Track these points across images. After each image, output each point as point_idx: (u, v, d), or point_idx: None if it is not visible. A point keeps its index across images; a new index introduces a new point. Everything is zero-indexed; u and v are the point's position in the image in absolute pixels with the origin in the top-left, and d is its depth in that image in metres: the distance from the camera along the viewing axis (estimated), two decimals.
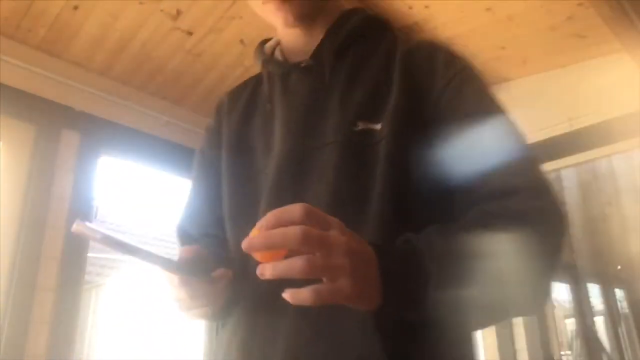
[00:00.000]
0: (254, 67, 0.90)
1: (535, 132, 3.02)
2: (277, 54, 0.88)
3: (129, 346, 6.28)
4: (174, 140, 2.87)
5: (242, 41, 2.61)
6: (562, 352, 2.88)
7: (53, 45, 2.43)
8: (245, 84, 0.96)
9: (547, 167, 3.02)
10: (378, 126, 0.72)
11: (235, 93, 0.95)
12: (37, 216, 2.25)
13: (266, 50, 0.89)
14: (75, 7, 2.27)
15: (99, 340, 6.42)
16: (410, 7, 2.55)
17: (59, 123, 2.43)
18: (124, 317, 6.51)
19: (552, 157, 3.01)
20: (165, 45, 2.55)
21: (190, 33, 2.52)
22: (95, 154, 2.54)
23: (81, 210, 2.41)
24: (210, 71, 2.76)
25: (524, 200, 0.65)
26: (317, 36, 0.82)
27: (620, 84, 2.75)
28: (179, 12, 2.40)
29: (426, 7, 2.55)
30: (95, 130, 2.55)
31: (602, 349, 3.36)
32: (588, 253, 3.37)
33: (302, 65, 0.81)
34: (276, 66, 0.84)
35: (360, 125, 0.73)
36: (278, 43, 0.89)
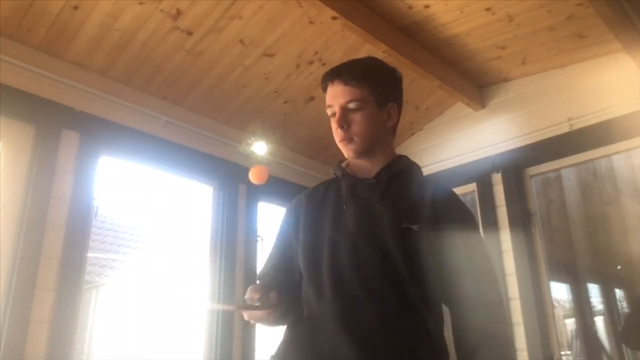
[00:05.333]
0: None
1: (535, 132, 3.03)
2: (348, 170, 1.36)
3: (129, 346, 6.28)
4: (174, 140, 2.87)
5: (242, 41, 2.61)
6: (562, 352, 2.87)
7: (53, 45, 2.43)
8: (318, 187, 1.41)
9: (547, 167, 3.05)
10: (416, 227, 1.21)
11: (311, 194, 1.41)
12: (37, 216, 2.25)
13: (343, 166, 1.38)
14: (75, 7, 2.27)
15: (99, 340, 6.42)
16: (410, 7, 2.55)
17: (59, 123, 2.43)
18: (124, 317, 6.51)
19: (552, 157, 3.01)
20: (165, 45, 2.55)
21: (190, 33, 2.52)
22: (95, 154, 2.54)
23: (81, 210, 2.41)
24: (210, 71, 2.76)
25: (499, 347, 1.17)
26: (376, 165, 1.31)
27: (620, 84, 2.75)
28: (179, 12, 2.40)
29: (426, 7, 2.54)
30: (95, 130, 2.55)
31: (602, 349, 3.36)
32: (588, 253, 3.37)
33: (367, 182, 1.30)
34: (350, 179, 1.33)
35: (404, 224, 1.21)
36: (348, 164, 1.38)
